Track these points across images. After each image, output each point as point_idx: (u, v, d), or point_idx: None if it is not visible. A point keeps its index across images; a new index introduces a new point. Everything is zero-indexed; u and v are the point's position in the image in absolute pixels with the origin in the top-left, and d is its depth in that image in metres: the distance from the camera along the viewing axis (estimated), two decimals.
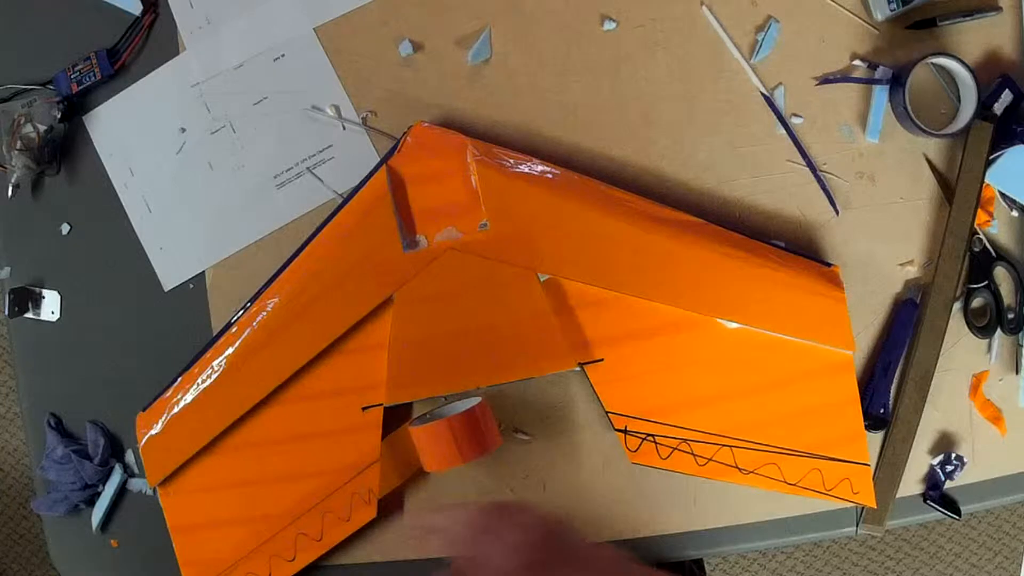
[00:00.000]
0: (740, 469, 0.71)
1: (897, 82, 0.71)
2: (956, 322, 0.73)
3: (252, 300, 0.75)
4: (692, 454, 0.71)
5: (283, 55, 0.79)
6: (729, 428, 0.71)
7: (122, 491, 0.81)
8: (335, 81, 0.78)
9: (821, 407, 0.71)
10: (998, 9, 0.72)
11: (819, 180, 0.74)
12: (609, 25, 0.75)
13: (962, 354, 0.73)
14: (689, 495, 0.74)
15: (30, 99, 0.81)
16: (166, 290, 0.81)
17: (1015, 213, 0.73)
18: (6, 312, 0.83)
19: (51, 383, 0.84)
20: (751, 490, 0.71)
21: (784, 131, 0.74)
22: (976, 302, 0.73)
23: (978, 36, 0.73)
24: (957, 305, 0.73)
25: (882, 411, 0.71)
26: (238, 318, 0.75)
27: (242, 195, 0.79)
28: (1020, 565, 1.47)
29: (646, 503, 0.75)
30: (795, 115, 0.74)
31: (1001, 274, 0.73)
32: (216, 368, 0.74)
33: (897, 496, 0.72)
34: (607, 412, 0.71)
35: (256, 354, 0.74)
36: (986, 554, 1.49)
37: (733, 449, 0.71)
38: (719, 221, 0.73)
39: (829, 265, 0.72)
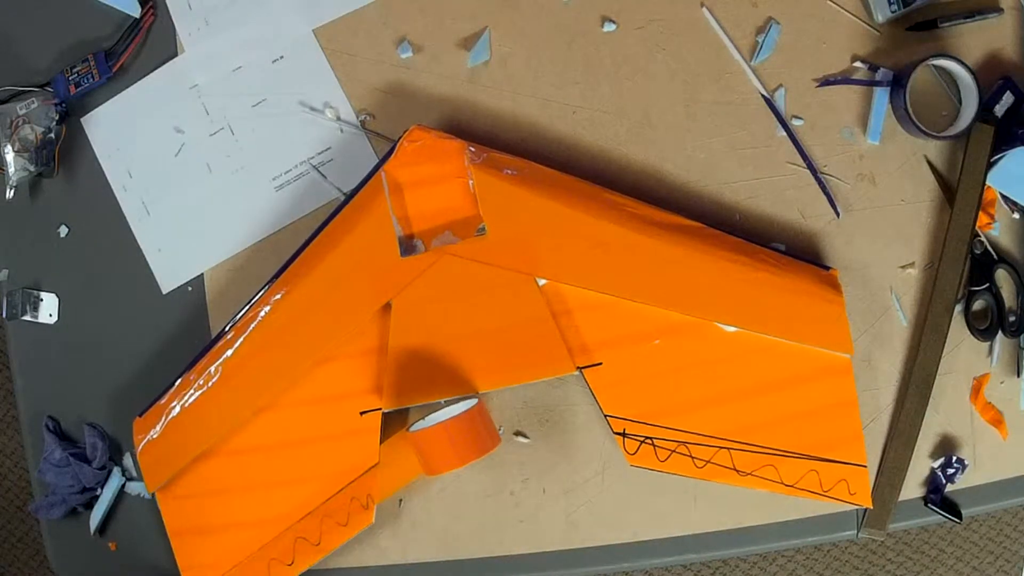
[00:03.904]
0: (738, 471, 0.70)
1: (898, 84, 0.71)
2: (957, 325, 0.72)
3: (248, 305, 0.75)
4: (690, 456, 0.71)
5: (282, 57, 0.79)
6: (727, 431, 0.71)
7: (120, 494, 0.81)
8: (334, 83, 0.78)
9: (819, 410, 0.71)
10: (999, 10, 0.72)
11: (820, 182, 0.74)
12: (609, 26, 0.75)
13: (963, 357, 0.73)
14: (689, 498, 0.74)
15: (28, 101, 0.80)
16: (164, 292, 0.81)
17: (1016, 215, 0.73)
18: (4, 314, 0.83)
19: (49, 386, 0.83)
20: (751, 493, 0.71)
21: (784, 133, 0.74)
22: (977, 305, 0.73)
23: (979, 38, 0.72)
24: (958, 308, 0.73)
25: None
26: (234, 323, 0.75)
27: (240, 197, 0.79)
28: (1021, 569, 1.47)
29: (646, 506, 0.74)
30: (795, 117, 0.74)
31: (1002, 276, 0.73)
32: (213, 373, 0.74)
33: (898, 499, 0.72)
34: (606, 415, 0.71)
35: (253, 359, 0.73)
36: (987, 557, 1.49)
37: (731, 451, 0.71)
38: (719, 223, 0.72)
39: (828, 269, 0.72)
